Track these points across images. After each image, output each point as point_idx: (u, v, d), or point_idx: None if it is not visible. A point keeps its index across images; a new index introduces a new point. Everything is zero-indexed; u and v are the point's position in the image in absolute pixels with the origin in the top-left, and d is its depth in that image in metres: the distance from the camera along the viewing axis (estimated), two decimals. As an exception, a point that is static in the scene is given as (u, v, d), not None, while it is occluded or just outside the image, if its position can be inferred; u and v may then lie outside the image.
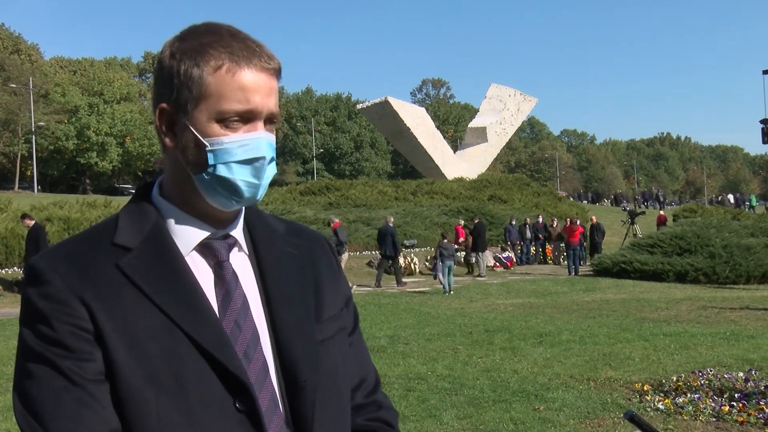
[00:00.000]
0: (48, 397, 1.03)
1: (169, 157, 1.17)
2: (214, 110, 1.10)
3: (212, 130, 1.11)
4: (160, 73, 1.15)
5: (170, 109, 1.14)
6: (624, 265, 20.61)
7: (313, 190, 37.14)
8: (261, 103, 1.12)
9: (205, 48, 1.11)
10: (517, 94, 43.77)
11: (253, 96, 1.11)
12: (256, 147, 1.12)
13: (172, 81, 1.12)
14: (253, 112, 1.12)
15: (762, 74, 23.51)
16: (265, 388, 1.13)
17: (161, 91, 1.15)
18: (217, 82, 1.10)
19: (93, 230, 1.16)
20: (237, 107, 1.10)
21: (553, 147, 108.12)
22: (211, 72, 1.10)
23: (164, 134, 1.15)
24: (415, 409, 6.23)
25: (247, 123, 1.12)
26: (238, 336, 1.12)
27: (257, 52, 1.12)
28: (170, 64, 1.12)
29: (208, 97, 1.10)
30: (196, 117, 1.11)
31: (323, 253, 1.31)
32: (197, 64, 1.10)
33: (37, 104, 56.68)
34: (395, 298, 16.03)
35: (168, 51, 1.14)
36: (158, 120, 1.15)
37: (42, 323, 1.05)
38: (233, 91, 1.10)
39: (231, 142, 1.11)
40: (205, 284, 1.14)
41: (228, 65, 1.10)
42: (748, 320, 11.04)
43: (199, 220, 1.17)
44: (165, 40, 1.16)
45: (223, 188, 1.12)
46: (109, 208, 22.97)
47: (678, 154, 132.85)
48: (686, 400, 6.09)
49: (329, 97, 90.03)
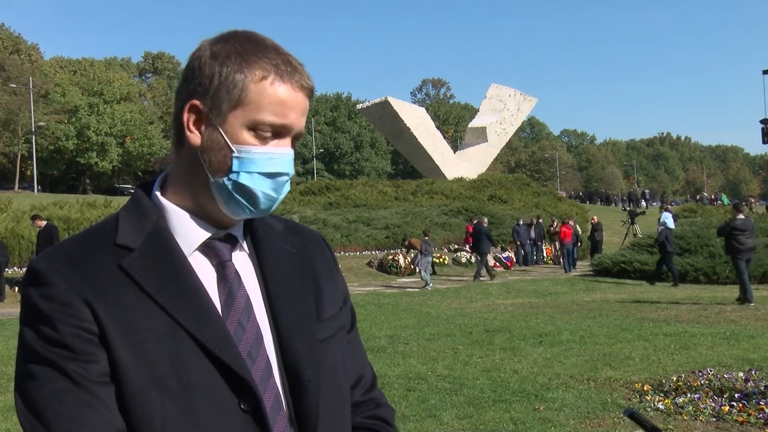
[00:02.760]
0: (51, 398, 1.02)
1: (185, 156, 1.15)
2: (250, 118, 1.10)
3: (243, 138, 1.11)
4: (197, 71, 1.13)
5: (203, 107, 1.13)
6: (624, 265, 20.61)
7: (313, 190, 37.14)
8: (295, 120, 1.13)
9: (250, 55, 1.11)
10: (517, 94, 43.77)
11: (290, 112, 1.12)
12: (282, 162, 1.13)
13: (211, 80, 1.11)
14: (287, 127, 1.13)
15: (762, 74, 23.56)
16: (269, 388, 1.13)
17: (195, 87, 1.13)
18: (258, 91, 1.10)
19: (93, 231, 1.15)
20: (273, 120, 1.11)
21: (553, 147, 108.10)
22: (254, 80, 1.10)
23: (189, 131, 1.14)
24: (415, 409, 6.22)
25: (277, 137, 1.13)
26: (241, 336, 1.12)
27: (299, 70, 1.13)
28: (211, 64, 1.11)
29: (247, 104, 1.10)
30: (229, 121, 1.11)
31: (321, 251, 1.31)
32: (241, 69, 1.10)
33: (37, 104, 56.70)
34: (395, 298, 16.04)
35: (209, 50, 1.13)
36: (186, 116, 1.13)
37: (45, 324, 1.04)
38: (272, 103, 1.10)
39: (259, 153, 1.11)
40: (208, 284, 1.14)
41: (273, 77, 1.10)
42: (748, 320, 11.04)
43: (202, 221, 1.16)
44: (203, 39, 1.16)
45: (242, 196, 1.12)
46: (109, 208, 23.00)
47: (678, 154, 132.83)
48: (686, 400, 6.09)
49: (329, 97, 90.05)
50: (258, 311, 1.16)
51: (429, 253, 19.00)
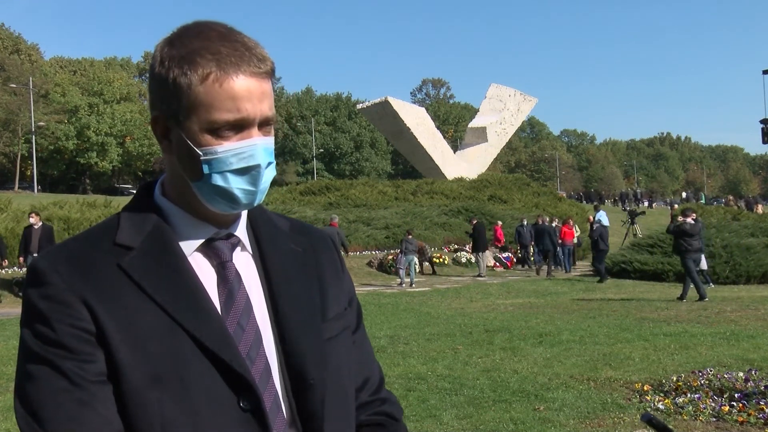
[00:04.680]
0: (48, 398, 1.02)
1: (168, 162, 1.16)
2: (205, 120, 1.07)
3: (205, 140, 1.08)
4: (152, 80, 1.12)
5: (162, 118, 1.12)
6: (624, 265, 20.62)
7: (313, 190, 37.16)
8: (252, 110, 1.08)
9: (192, 55, 1.07)
10: (517, 94, 43.78)
11: (244, 104, 1.07)
12: (251, 155, 1.09)
13: (163, 89, 1.09)
14: (245, 120, 1.08)
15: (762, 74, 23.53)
16: (268, 389, 1.12)
17: (154, 99, 1.13)
18: (206, 92, 1.06)
19: (94, 230, 1.16)
20: (227, 117, 1.07)
21: (553, 147, 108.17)
22: (198, 81, 1.06)
23: (160, 142, 1.15)
24: (415, 409, 6.22)
25: (240, 131, 1.09)
26: (241, 337, 1.12)
27: (246, 57, 1.08)
28: (159, 72, 1.09)
29: (198, 107, 1.07)
30: (188, 127, 1.09)
31: (328, 251, 1.31)
32: (185, 72, 1.07)
33: (37, 104, 56.71)
34: (395, 298, 16.04)
35: (159, 57, 1.10)
36: (153, 128, 1.14)
37: (42, 324, 1.04)
38: (222, 100, 1.06)
39: (225, 152, 1.08)
40: (208, 285, 1.13)
41: (216, 74, 1.06)
42: (748, 320, 11.03)
43: (202, 221, 1.16)
44: (157, 42, 1.13)
45: (220, 196, 1.11)
46: (109, 208, 22.98)
47: (678, 154, 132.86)
48: (686, 400, 6.09)
49: (329, 97, 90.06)
50: (259, 312, 1.16)
51: (409, 251, 19.50)
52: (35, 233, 14.90)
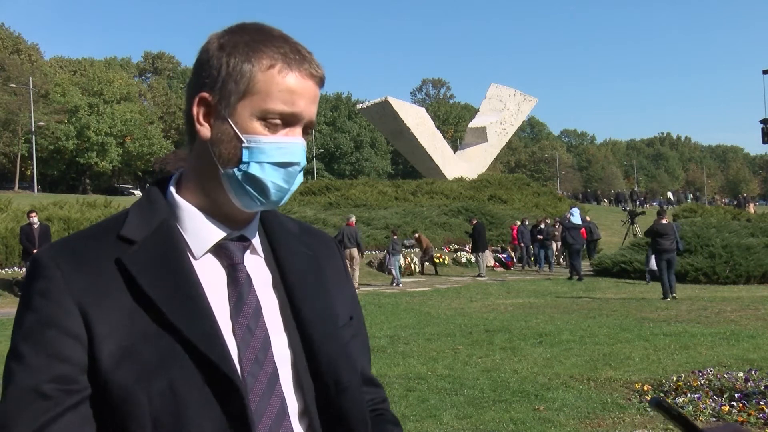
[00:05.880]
0: (18, 398, 1.01)
1: (197, 150, 1.15)
2: (259, 108, 1.10)
3: (252, 128, 1.10)
4: (205, 64, 1.13)
5: (211, 99, 1.12)
6: (624, 265, 20.62)
7: (313, 190, 37.15)
8: (305, 108, 1.12)
9: (258, 45, 1.11)
10: (517, 94, 43.78)
11: (299, 100, 1.11)
12: (292, 151, 1.12)
13: (219, 72, 1.11)
14: (297, 116, 1.11)
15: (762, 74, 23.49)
16: (275, 393, 1.11)
17: (203, 80, 1.13)
18: (266, 80, 1.10)
19: (102, 224, 1.15)
20: (282, 108, 1.10)
21: (553, 147, 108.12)
22: (262, 69, 1.10)
23: (199, 124, 1.14)
24: (415, 409, 6.22)
25: (288, 126, 1.12)
26: (249, 340, 1.11)
27: (308, 58, 1.13)
28: (218, 55, 1.11)
29: (255, 93, 1.10)
30: (238, 111, 1.10)
31: (332, 256, 1.31)
32: (249, 59, 1.10)
33: (37, 104, 56.71)
34: (395, 298, 16.04)
35: (216, 42, 1.13)
36: (195, 109, 1.13)
37: (31, 321, 1.04)
38: (281, 92, 1.10)
39: (269, 143, 1.10)
40: (218, 287, 1.13)
41: (280, 66, 1.10)
42: (748, 320, 11.03)
43: (216, 220, 1.15)
44: (212, 33, 1.16)
45: (252, 187, 1.11)
46: (109, 208, 22.98)
47: (678, 154, 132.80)
48: (686, 400, 6.09)
49: (329, 97, 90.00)
50: (270, 315, 1.15)
51: (397, 251, 19.93)
52: (35, 232, 15.00)
